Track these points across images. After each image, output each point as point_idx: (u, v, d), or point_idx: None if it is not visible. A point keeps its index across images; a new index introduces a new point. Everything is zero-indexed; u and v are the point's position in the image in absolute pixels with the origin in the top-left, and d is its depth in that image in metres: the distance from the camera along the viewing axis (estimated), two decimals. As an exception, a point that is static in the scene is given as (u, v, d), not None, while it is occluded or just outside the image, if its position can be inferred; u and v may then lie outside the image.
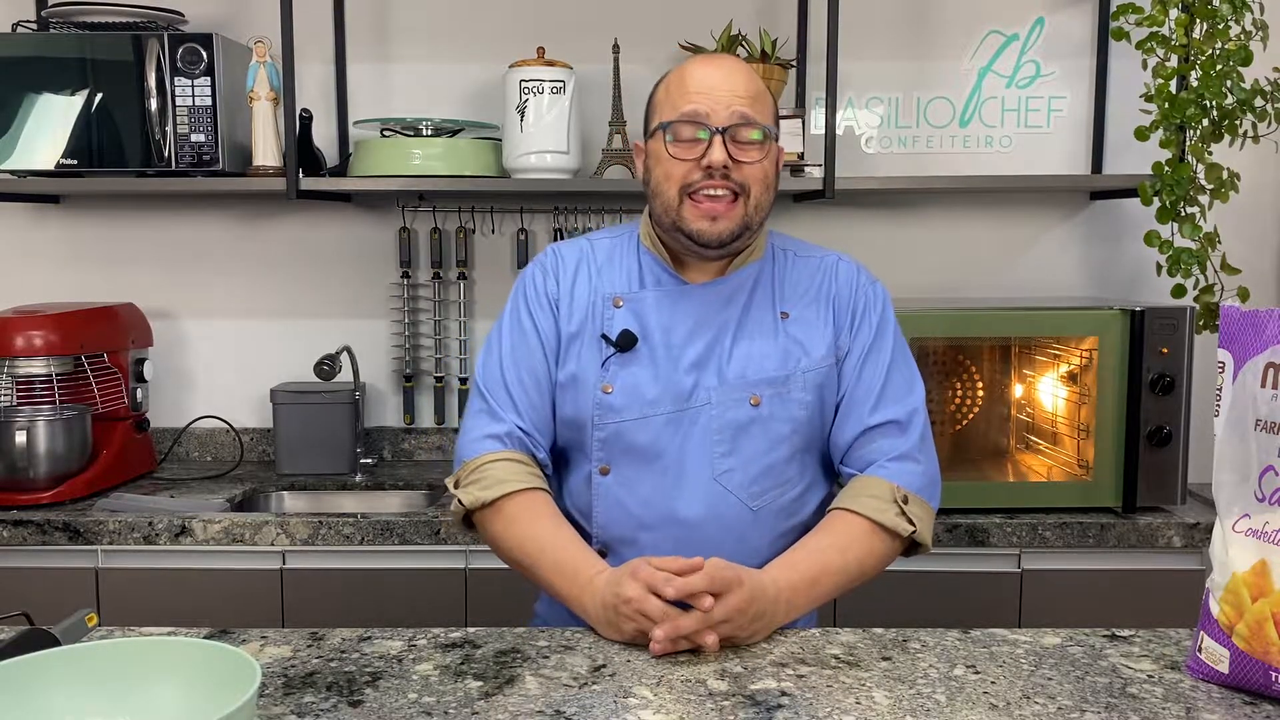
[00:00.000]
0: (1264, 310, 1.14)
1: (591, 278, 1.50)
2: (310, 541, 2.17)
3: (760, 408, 1.42)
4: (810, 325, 1.47)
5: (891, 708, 1.10)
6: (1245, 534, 1.14)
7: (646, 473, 1.43)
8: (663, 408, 1.42)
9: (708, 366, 1.43)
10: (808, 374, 1.44)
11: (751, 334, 1.45)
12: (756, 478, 1.42)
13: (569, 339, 1.47)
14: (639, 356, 1.44)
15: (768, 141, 1.40)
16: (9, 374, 2.35)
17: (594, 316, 1.47)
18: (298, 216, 2.72)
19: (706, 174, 1.38)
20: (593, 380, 1.44)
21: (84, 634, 1.17)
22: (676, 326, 1.45)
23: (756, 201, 1.41)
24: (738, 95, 1.38)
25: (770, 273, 1.50)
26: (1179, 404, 2.17)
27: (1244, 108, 2.20)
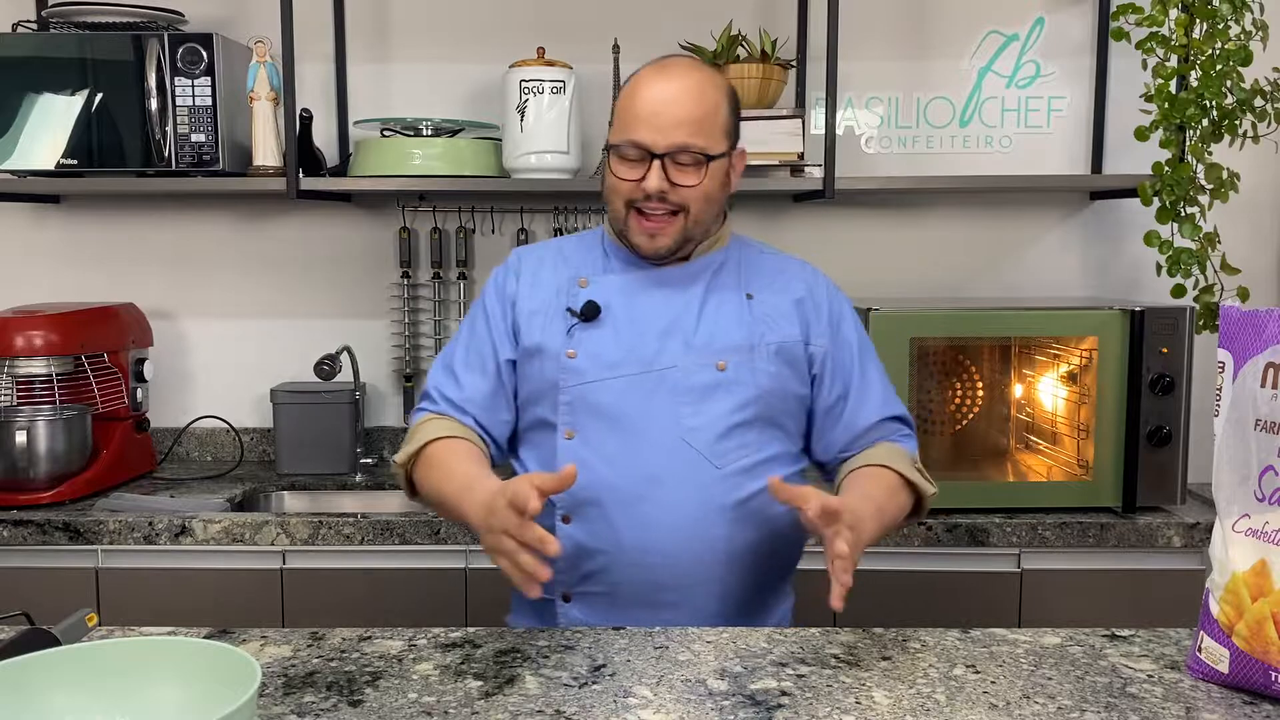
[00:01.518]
0: (1264, 310, 1.14)
1: (559, 266, 1.57)
2: (310, 541, 2.17)
3: (726, 372, 1.47)
4: (776, 309, 1.54)
5: (891, 708, 1.10)
6: (1245, 534, 1.14)
7: (611, 433, 1.46)
8: (627, 370, 1.47)
9: (673, 335, 1.49)
10: (773, 345, 1.50)
11: (718, 308, 1.52)
12: (721, 437, 1.46)
13: (530, 315, 1.53)
14: (603, 325, 1.50)
15: (704, 164, 1.46)
16: (9, 374, 2.35)
17: (560, 295, 1.53)
18: (298, 216, 2.72)
19: (646, 195, 1.46)
20: (557, 348, 1.49)
21: (84, 634, 1.17)
22: (641, 301, 1.51)
23: (696, 218, 1.48)
24: (680, 122, 1.43)
25: (735, 260, 1.57)
26: (1179, 404, 2.17)
27: (1244, 108, 2.20)
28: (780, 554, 1.53)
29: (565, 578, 1.47)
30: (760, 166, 2.40)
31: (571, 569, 1.46)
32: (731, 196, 1.58)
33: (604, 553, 1.44)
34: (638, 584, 1.44)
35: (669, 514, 1.43)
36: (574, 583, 1.47)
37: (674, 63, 1.51)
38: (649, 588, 1.44)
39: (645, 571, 1.43)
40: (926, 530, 2.14)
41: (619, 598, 1.45)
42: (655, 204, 1.46)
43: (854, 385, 1.55)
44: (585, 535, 1.45)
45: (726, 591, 1.46)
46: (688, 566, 1.43)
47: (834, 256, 2.71)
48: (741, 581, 1.47)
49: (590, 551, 1.45)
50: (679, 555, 1.43)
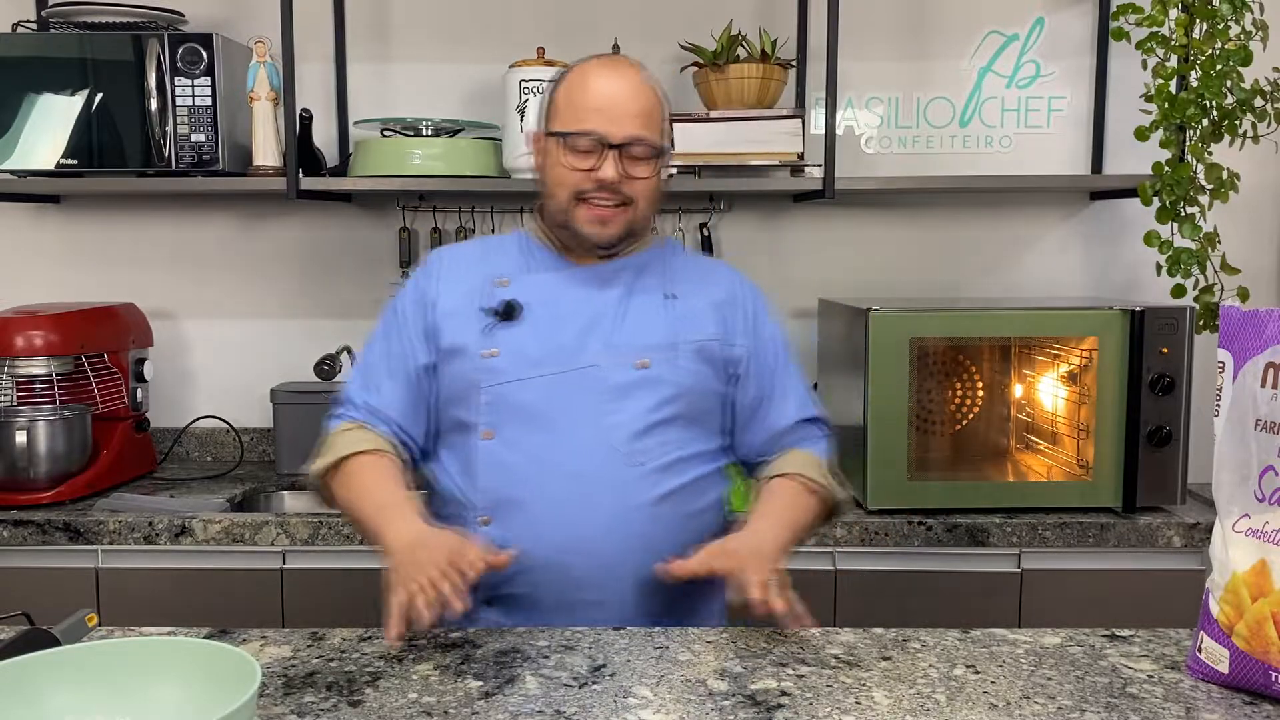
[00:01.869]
0: (1264, 310, 1.14)
1: (478, 266, 1.57)
2: (310, 541, 2.17)
3: (647, 370, 1.48)
4: (697, 309, 1.55)
5: (891, 708, 1.10)
6: (1245, 534, 1.14)
7: (531, 432, 1.46)
8: (547, 368, 1.47)
9: (594, 333, 1.49)
10: (694, 344, 1.51)
11: (640, 308, 1.52)
12: (641, 434, 1.46)
13: (449, 316, 1.52)
14: (523, 325, 1.50)
15: (656, 159, 1.49)
16: (9, 374, 2.35)
17: (477, 296, 1.52)
18: (298, 216, 2.72)
19: (598, 186, 1.46)
20: (476, 348, 1.49)
21: (84, 634, 1.17)
22: (562, 300, 1.51)
23: (642, 212, 1.51)
24: (632, 115, 1.46)
25: (657, 262, 1.58)
26: (1179, 404, 2.17)
27: (1244, 108, 2.20)
28: None
29: (486, 580, 1.44)
30: (760, 166, 2.40)
31: (491, 573, 1.44)
32: (730, 199, 1.58)
33: (525, 553, 1.43)
34: (558, 584, 1.43)
35: (589, 512, 1.43)
36: (494, 585, 1.45)
37: (618, 59, 1.55)
38: (570, 587, 1.43)
39: (566, 571, 1.43)
40: (926, 530, 2.14)
41: (539, 598, 1.44)
42: (606, 195, 1.46)
43: (773, 387, 1.57)
44: (505, 536, 1.43)
45: (649, 590, 1.44)
46: (609, 565, 1.43)
47: (834, 256, 2.71)
48: (662, 582, 1.45)
49: None
50: (600, 553, 1.43)
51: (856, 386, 2.22)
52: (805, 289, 2.71)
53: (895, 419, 2.17)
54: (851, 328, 2.28)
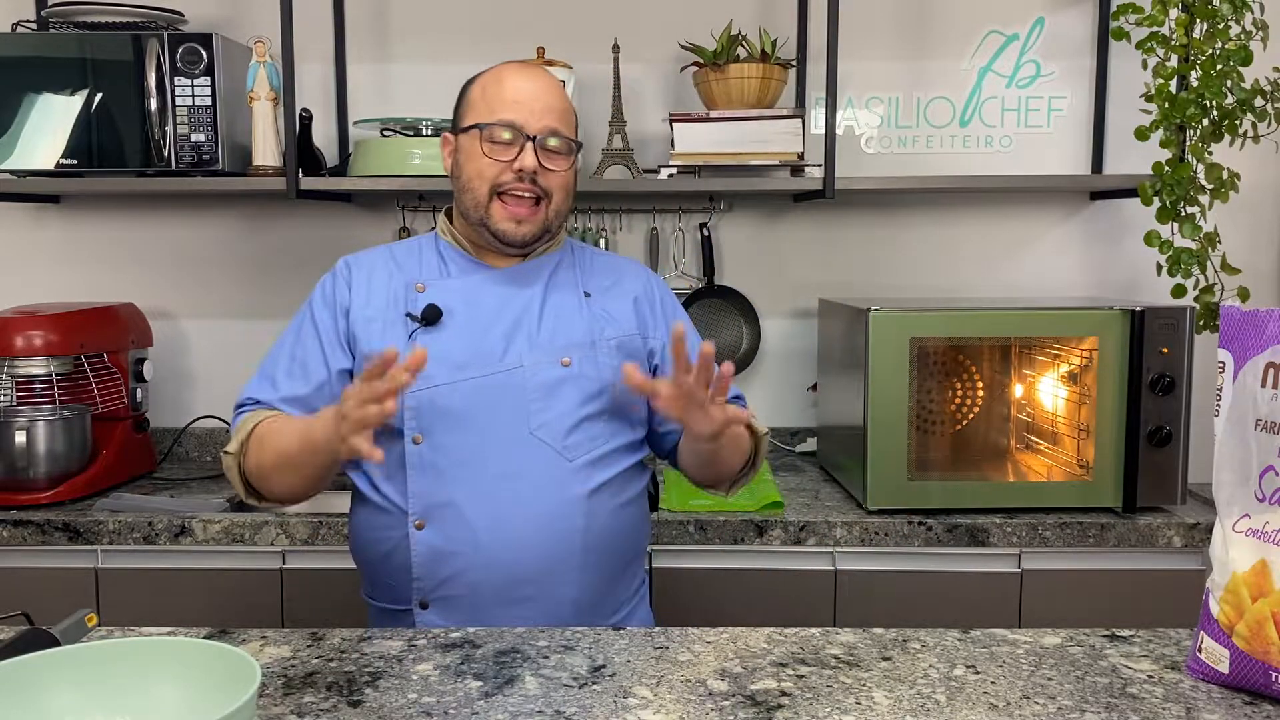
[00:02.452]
0: (1264, 310, 1.14)
1: (392, 272, 1.57)
2: (310, 541, 2.17)
3: (571, 368, 1.51)
4: (613, 306, 1.58)
5: (891, 708, 1.10)
6: (1245, 534, 1.14)
7: (461, 435, 1.47)
8: (474, 372, 1.48)
9: (517, 335, 1.51)
10: (614, 340, 1.55)
11: (558, 306, 1.55)
12: (569, 430, 1.48)
13: (366, 322, 1.52)
14: (446, 329, 1.51)
15: (572, 154, 1.54)
16: (9, 374, 2.35)
17: (395, 302, 1.53)
18: (298, 216, 2.72)
19: (517, 176, 1.49)
20: (400, 353, 1.47)
21: (84, 634, 1.17)
22: (482, 303, 1.53)
23: (557, 208, 1.54)
24: (550, 109, 1.51)
25: (570, 262, 1.62)
26: (1179, 404, 2.17)
27: (1244, 108, 2.20)
28: (632, 540, 1.57)
29: (423, 584, 1.47)
30: (760, 166, 2.40)
31: (429, 574, 1.46)
32: (730, 199, 1.60)
33: (461, 554, 1.44)
34: (496, 582, 1.44)
35: (524, 509, 1.45)
36: (432, 588, 1.46)
37: (529, 62, 1.59)
38: (507, 584, 1.44)
39: (504, 569, 1.44)
40: (926, 530, 2.14)
41: (477, 598, 1.45)
42: (524, 186, 1.49)
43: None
44: (441, 539, 1.45)
45: (584, 583, 1.48)
46: (546, 559, 1.45)
47: (834, 256, 2.71)
48: (597, 573, 1.50)
49: (447, 554, 1.45)
50: (537, 549, 1.45)
51: (856, 386, 2.23)
52: (805, 289, 2.71)
53: (895, 419, 2.17)
54: (851, 328, 2.28)
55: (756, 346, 2.71)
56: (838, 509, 2.21)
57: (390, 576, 1.50)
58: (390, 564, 1.49)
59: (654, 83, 2.66)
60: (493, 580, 1.44)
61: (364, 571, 1.59)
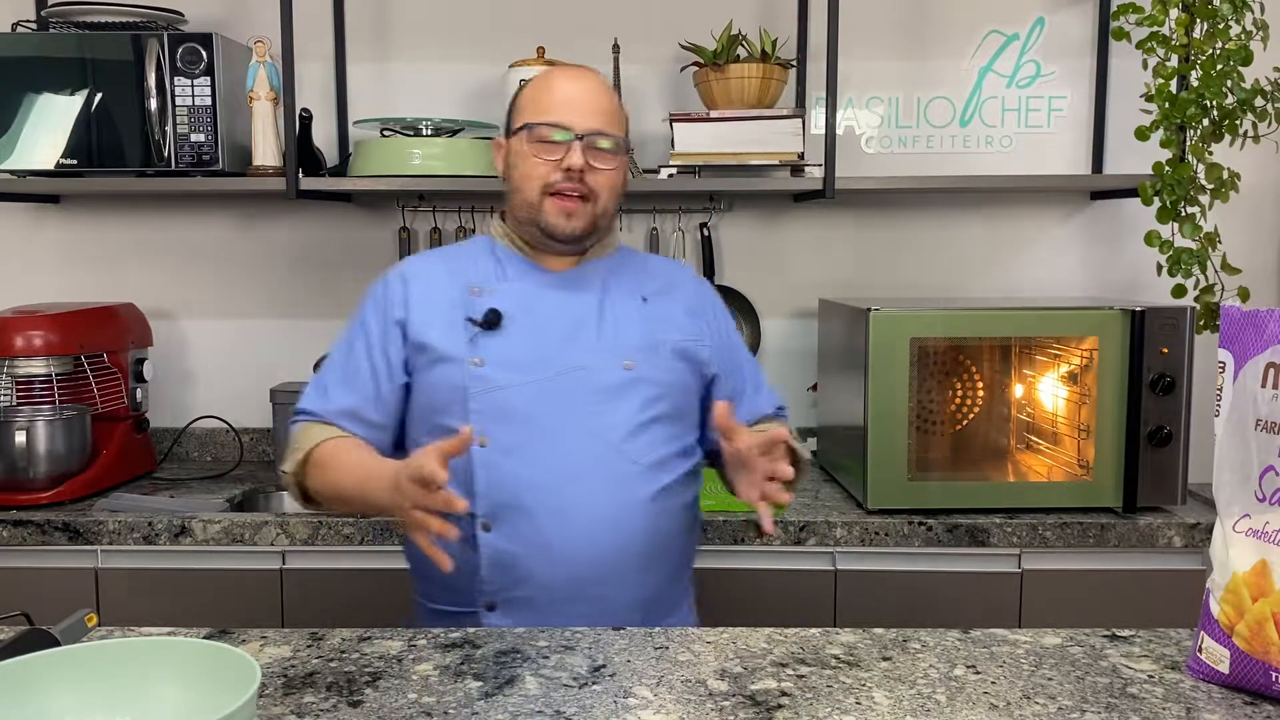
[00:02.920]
0: (1264, 310, 1.14)
1: (450, 276, 1.57)
2: (310, 541, 2.17)
3: (633, 371, 1.51)
4: (669, 311, 1.59)
5: (891, 708, 1.10)
6: (1245, 534, 1.14)
7: (526, 437, 1.47)
8: (538, 374, 1.49)
9: (578, 338, 1.52)
10: (672, 344, 1.56)
11: (616, 311, 1.56)
12: (633, 433, 1.49)
13: (425, 327, 1.52)
14: (507, 332, 1.51)
15: (619, 154, 1.54)
16: (9, 374, 2.35)
17: (453, 306, 1.53)
18: (298, 216, 2.72)
19: (565, 176, 1.50)
20: (461, 356, 1.50)
21: (84, 634, 1.17)
22: (541, 307, 1.54)
23: (604, 207, 1.55)
24: (597, 110, 1.53)
25: (626, 267, 1.63)
26: (1179, 404, 2.17)
27: (1244, 108, 2.19)
28: (687, 544, 1.59)
29: (490, 586, 1.47)
30: (760, 166, 2.40)
31: (497, 576, 1.47)
32: (730, 199, 1.61)
33: (529, 556, 1.45)
34: (563, 583, 1.45)
35: (590, 511, 1.45)
36: (499, 590, 1.47)
37: (577, 66, 1.62)
38: (573, 585, 1.45)
39: (570, 570, 1.45)
40: (926, 530, 2.14)
41: (544, 599, 1.46)
42: (572, 186, 1.50)
43: (747, 382, 1.65)
44: (508, 541, 1.45)
45: (646, 584, 1.49)
46: (611, 561, 1.46)
47: (834, 256, 2.71)
48: (658, 573, 1.51)
49: (516, 556, 1.45)
50: (602, 550, 1.45)
51: (856, 386, 2.23)
52: (805, 289, 2.71)
53: (895, 419, 2.17)
54: (851, 328, 2.28)
55: (757, 346, 2.71)
56: (838, 509, 2.21)
57: (455, 579, 1.48)
58: (457, 567, 1.48)
59: (654, 83, 2.66)
60: (559, 582, 1.45)
61: (422, 575, 1.59)
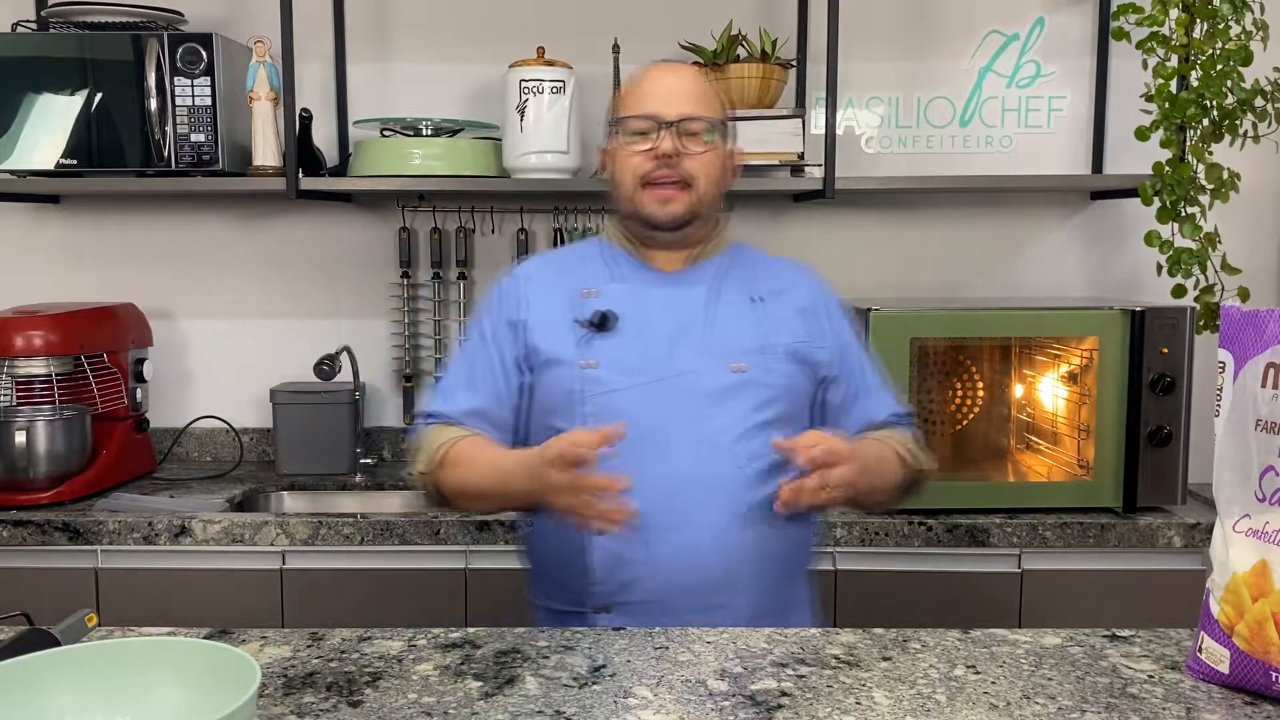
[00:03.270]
0: (1264, 310, 1.14)
1: (562, 277, 1.58)
2: (310, 541, 2.17)
3: (744, 374, 1.49)
4: (783, 312, 1.56)
5: (891, 708, 1.10)
6: (1245, 534, 1.14)
7: (636, 440, 1.45)
8: (647, 376, 1.48)
9: (688, 339, 1.50)
10: (784, 347, 1.52)
11: (728, 312, 1.54)
12: (743, 437, 1.47)
13: (539, 329, 1.53)
14: (619, 334, 1.50)
15: (713, 136, 1.52)
16: (9, 374, 2.35)
17: (566, 308, 1.54)
18: (298, 216, 2.72)
19: (658, 164, 1.49)
20: (573, 359, 1.50)
21: (84, 634, 1.17)
22: (651, 308, 1.52)
23: (703, 192, 1.52)
24: (685, 96, 1.51)
25: (738, 266, 1.60)
26: (1179, 404, 2.17)
27: (1244, 108, 2.19)
28: (804, 548, 1.56)
29: (602, 588, 1.47)
30: (760, 166, 2.40)
31: (608, 579, 1.46)
32: (730, 198, 1.60)
33: (640, 560, 1.44)
34: (673, 589, 1.44)
35: (701, 517, 1.44)
36: (611, 593, 1.47)
37: (673, 62, 1.60)
38: (685, 592, 1.44)
39: (681, 575, 1.44)
40: (926, 530, 2.14)
41: (655, 604, 1.45)
42: (666, 173, 1.49)
43: (863, 385, 1.60)
44: (619, 544, 1.44)
45: (758, 590, 1.46)
46: (721, 567, 1.44)
47: (834, 256, 2.71)
48: (772, 580, 1.48)
49: (626, 560, 1.45)
50: (714, 557, 1.44)
51: (856, 386, 2.22)
52: (805, 289, 2.71)
53: (895, 419, 2.17)
54: (852, 328, 2.28)
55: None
56: (837, 509, 2.21)
57: (569, 579, 1.50)
58: (569, 567, 1.49)
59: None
60: (669, 587, 1.44)
61: (537, 572, 1.60)
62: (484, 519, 2.15)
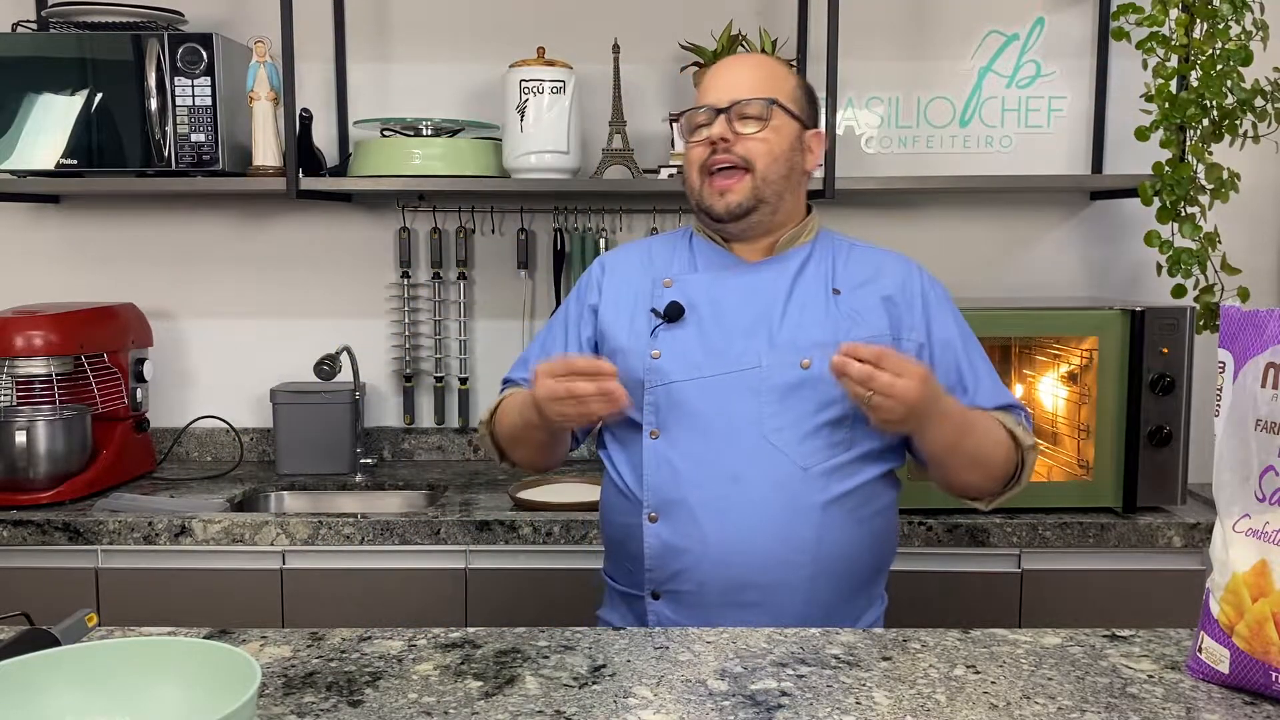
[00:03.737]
0: (1264, 310, 1.14)
1: (645, 267, 1.59)
2: (310, 541, 2.17)
3: (811, 370, 1.45)
4: (864, 305, 1.51)
5: (891, 708, 1.10)
6: (1245, 534, 1.14)
7: (697, 433, 1.46)
8: (711, 370, 1.47)
9: (758, 334, 1.49)
10: (862, 341, 1.41)
11: (802, 304, 1.51)
12: (806, 436, 1.45)
13: (614, 317, 1.56)
14: (687, 326, 1.51)
15: (770, 113, 1.49)
16: (9, 374, 2.35)
17: (643, 298, 1.55)
18: (298, 216, 2.72)
19: (713, 150, 1.49)
20: (642, 349, 1.51)
21: (84, 634, 1.17)
22: (726, 299, 1.51)
23: (764, 174, 1.50)
24: (739, 82, 1.51)
25: (823, 256, 1.56)
26: (1179, 404, 2.17)
27: (1244, 108, 2.19)
28: (872, 556, 1.51)
29: (654, 575, 1.48)
30: (760, 166, 2.40)
31: (660, 566, 1.47)
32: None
33: (690, 551, 1.45)
34: (723, 583, 1.44)
35: (754, 514, 1.43)
36: (663, 580, 1.48)
37: (741, 54, 1.65)
38: (735, 587, 1.44)
39: (731, 570, 1.44)
40: (926, 530, 2.14)
41: (705, 596, 1.45)
42: (723, 158, 1.49)
43: (964, 376, 1.52)
44: (671, 534, 1.46)
45: (814, 592, 1.45)
46: (774, 568, 1.43)
47: (834, 256, 2.71)
48: (831, 583, 1.46)
49: (677, 550, 1.46)
50: (765, 556, 1.43)
51: (856, 386, 2.22)
52: (805, 289, 2.71)
53: (895, 419, 2.17)
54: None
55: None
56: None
57: (628, 561, 1.53)
58: (626, 549, 1.52)
59: (654, 83, 2.66)
60: (719, 581, 1.44)
61: (608, 550, 1.62)
62: (484, 519, 2.15)
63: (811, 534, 1.43)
